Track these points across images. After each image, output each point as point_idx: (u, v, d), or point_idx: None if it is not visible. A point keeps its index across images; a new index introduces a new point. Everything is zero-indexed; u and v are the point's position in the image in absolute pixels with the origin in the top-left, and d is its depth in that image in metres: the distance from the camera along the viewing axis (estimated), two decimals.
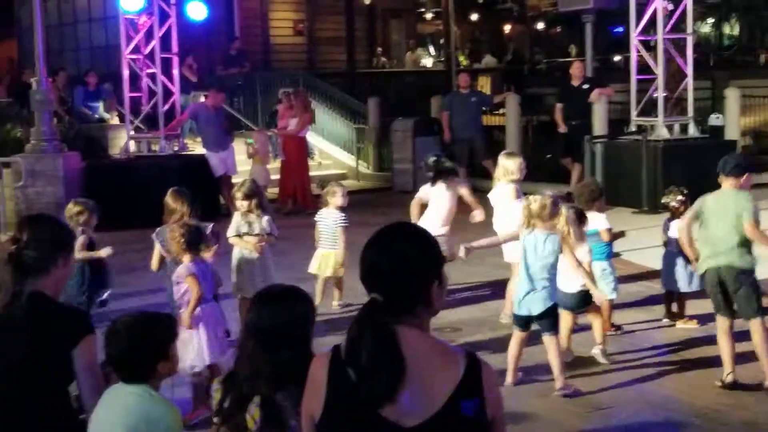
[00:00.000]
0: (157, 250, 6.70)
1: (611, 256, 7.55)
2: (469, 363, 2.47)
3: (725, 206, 6.34)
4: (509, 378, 6.39)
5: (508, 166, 7.96)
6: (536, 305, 6.30)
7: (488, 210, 8.45)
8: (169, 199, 6.77)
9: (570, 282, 6.71)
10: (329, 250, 8.35)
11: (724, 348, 6.38)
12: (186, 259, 5.98)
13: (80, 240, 6.65)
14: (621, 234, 7.70)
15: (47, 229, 3.55)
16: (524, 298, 6.34)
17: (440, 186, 8.35)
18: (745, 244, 6.31)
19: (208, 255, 6.34)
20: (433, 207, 8.34)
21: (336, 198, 8.38)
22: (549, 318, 6.33)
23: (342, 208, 8.37)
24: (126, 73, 14.03)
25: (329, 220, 8.37)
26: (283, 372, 3.21)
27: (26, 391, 3.36)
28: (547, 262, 6.30)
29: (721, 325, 6.43)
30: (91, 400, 3.34)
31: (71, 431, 3.41)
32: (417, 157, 15.89)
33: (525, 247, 6.36)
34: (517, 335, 6.47)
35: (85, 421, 3.32)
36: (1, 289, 3.43)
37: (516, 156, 8.24)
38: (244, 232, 7.41)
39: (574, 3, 16.22)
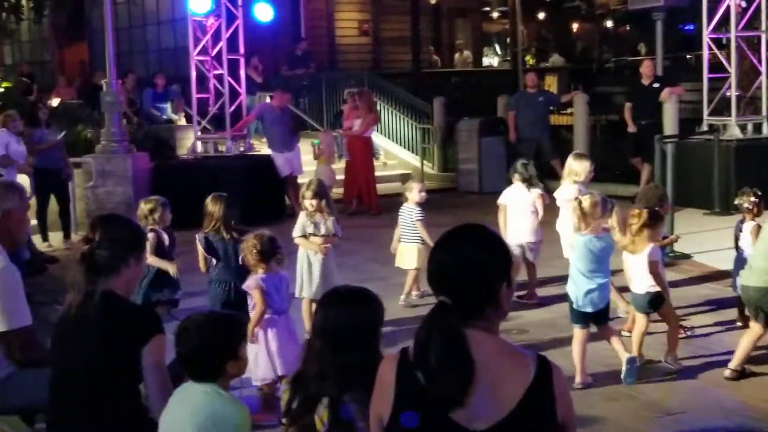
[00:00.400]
0: (201, 252, 6.64)
1: (662, 259, 7.43)
2: (539, 366, 2.45)
3: None
4: (578, 378, 6.33)
5: (573, 167, 8.05)
6: (602, 300, 6.42)
7: (554, 210, 8.38)
8: (207, 204, 6.68)
9: (639, 283, 6.65)
10: (405, 243, 8.53)
11: (743, 347, 6.38)
12: (260, 270, 5.87)
13: (149, 239, 6.50)
14: (674, 239, 7.60)
15: (119, 229, 3.60)
16: (587, 295, 6.39)
17: (525, 192, 8.41)
18: None
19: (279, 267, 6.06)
20: (518, 213, 8.48)
21: (413, 193, 8.54)
22: (606, 312, 6.51)
23: (419, 204, 8.50)
24: (194, 74, 14.17)
25: (406, 215, 8.53)
26: (350, 373, 3.20)
27: (99, 390, 3.40)
28: (601, 261, 6.38)
29: (753, 329, 6.42)
30: (158, 399, 3.36)
31: (142, 430, 3.45)
32: (482, 158, 15.84)
33: (580, 247, 6.39)
34: (578, 334, 6.47)
35: (154, 420, 3.35)
36: (74, 289, 3.48)
37: (585, 159, 8.21)
38: (310, 233, 7.41)
39: (644, 1, 15.94)
